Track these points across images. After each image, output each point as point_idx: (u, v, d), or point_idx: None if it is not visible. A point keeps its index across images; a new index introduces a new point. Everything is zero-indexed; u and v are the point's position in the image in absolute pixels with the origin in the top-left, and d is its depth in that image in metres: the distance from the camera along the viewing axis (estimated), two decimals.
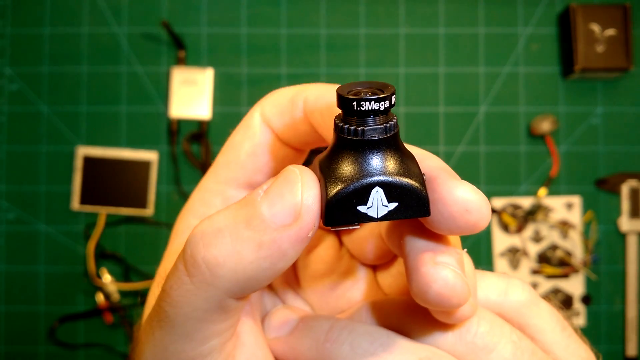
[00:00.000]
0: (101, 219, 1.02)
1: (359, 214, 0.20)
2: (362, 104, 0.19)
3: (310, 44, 1.05)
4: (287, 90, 0.26)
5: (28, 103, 1.04)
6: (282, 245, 0.19)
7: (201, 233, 0.20)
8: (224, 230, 0.19)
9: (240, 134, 0.27)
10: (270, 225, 0.19)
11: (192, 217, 0.28)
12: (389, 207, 0.20)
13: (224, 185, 0.27)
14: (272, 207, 0.19)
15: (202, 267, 0.19)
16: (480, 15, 1.06)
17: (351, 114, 0.20)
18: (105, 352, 1.02)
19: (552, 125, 1.01)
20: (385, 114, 0.20)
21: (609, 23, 1.00)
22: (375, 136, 0.20)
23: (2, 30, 1.05)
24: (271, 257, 0.19)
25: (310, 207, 0.19)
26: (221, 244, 0.19)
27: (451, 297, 0.19)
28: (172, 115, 1.03)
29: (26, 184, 1.04)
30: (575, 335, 0.24)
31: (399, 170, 0.20)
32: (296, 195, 0.19)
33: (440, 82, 1.05)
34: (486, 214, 0.20)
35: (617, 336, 1.02)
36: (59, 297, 1.03)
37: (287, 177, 0.20)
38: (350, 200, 0.19)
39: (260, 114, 0.26)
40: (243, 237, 0.19)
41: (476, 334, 0.22)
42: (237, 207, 0.20)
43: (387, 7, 1.06)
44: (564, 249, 1.02)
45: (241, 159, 0.26)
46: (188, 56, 1.05)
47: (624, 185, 1.02)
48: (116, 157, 1.03)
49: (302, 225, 0.19)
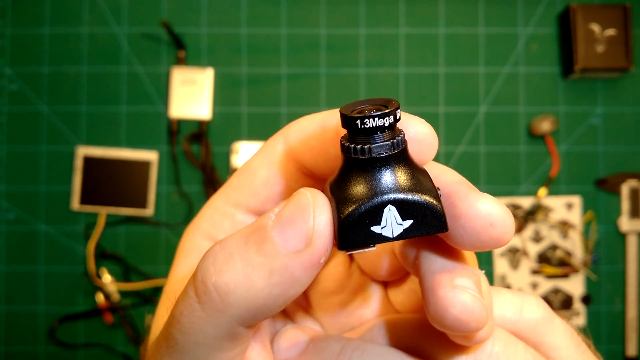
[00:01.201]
0: (101, 219, 1.02)
1: (374, 235, 0.19)
2: (366, 122, 0.19)
3: (310, 44, 1.05)
4: (313, 116, 0.25)
5: (28, 103, 1.04)
6: (294, 271, 0.19)
7: (212, 258, 0.20)
8: (235, 255, 0.19)
9: (258, 159, 0.26)
10: (282, 251, 0.19)
11: (199, 235, 0.27)
12: (404, 225, 0.19)
13: (234, 208, 0.26)
14: (283, 233, 0.19)
15: (213, 294, 0.19)
16: (480, 15, 1.06)
17: (357, 132, 0.20)
18: (105, 352, 1.02)
19: (552, 125, 1.01)
20: (392, 130, 0.20)
21: (609, 23, 1.00)
22: (382, 153, 0.19)
23: (2, 30, 1.05)
24: (283, 283, 0.19)
25: (322, 232, 0.19)
26: (232, 270, 0.19)
27: (470, 321, 0.19)
28: (172, 115, 1.03)
29: (26, 184, 1.04)
30: (589, 352, 0.24)
31: (410, 185, 0.19)
32: (308, 220, 0.19)
33: (440, 82, 1.05)
34: (510, 227, 0.20)
35: (617, 336, 1.02)
36: (59, 297, 1.03)
37: (298, 201, 0.19)
38: (363, 222, 0.19)
39: (284, 141, 0.25)
40: (254, 263, 0.19)
41: (491, 354, 0.21)
42: (248, 232, 0.20)
43: (387, 7, 1.06)
44: (564, 249, 1.02)
45: (255, 185, 0.26)
46: (188, 56, 1.05)
47: (624, 185, 1.02)
48: (116, 157, 1.03)
49: (314, 251, 0.19)
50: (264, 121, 1.04)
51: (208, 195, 1.03)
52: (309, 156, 0.25)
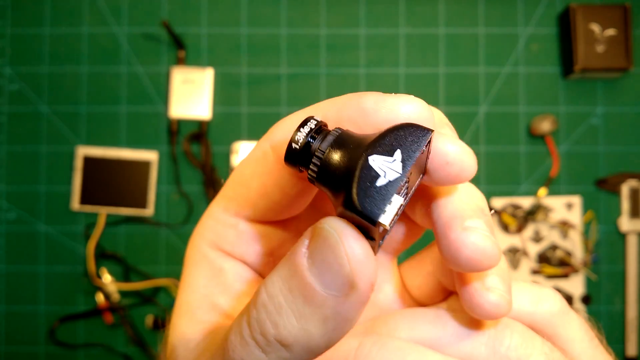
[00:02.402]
0: (101, 219, 1.02)
1: (387, 186, 0.18)
2: (297, 138, 0.20)
3: (310, 44, 1.05)
4: (296, 116, 0.24)
5: (28, 103, 1.04)
6: (346, 314, 0.18)
7: (264, 309, 0.19)
8: (285, 307, 0.19)
9: (249, 168, 0.25)
10: (328, 299, 0.18)
11: (205, 245, 0.27)
12: (397, 159, 0.19)
13: (235, 218, 0.26)
14: (322, 279, 0.18)
15: (276, 346, 0.19)
16: (480, 15, 1.06)
17: (301, 156, 0.20)
18: (105, 352, 1.02)
19: (552, 125, 1.01)
20: (319, 132, 0.20)
21: (609, 23, 1.00)
22: (330, 143, 0.20)
23: (2, 30, 1.05)
24: (338, 327, 0.19)
25: (364, 270, 0.18)
26: (288, 323, 0.19)
27: (482, 260, 0.19)
28: (172, 115, 1.03)
29: (26, 184, 1.04)
30: (601, 347, 0.24)
31: (374, 136, 0.19)
32: (343, 264, 0.18)
33: (440, 82, 1.05)
34: (467, 164, 0.20)
35: (617, 336, 1.02)
36: (59, 297, 1.03)
37: (326, 241, 0.18)
38: (367, 188, 0.18)
39: (271, 148, 0.24)
40: (306, 314, 0.19)
41: (509, 347, 0.22)
42: (287, 276, 0.19)
43: (387, 7, 1.06)
44: (564, 249, 1.02)
45: (251, 197, 0.25)
46: (188, 56, 1.05)
47: (624, 185, 1.02)
48: (116, 157, 1.03)
49: (360, 292, 0.18)
50: (264, 121, 1.04)
51: (208, 195, 1.03)
52: None
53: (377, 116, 0.20)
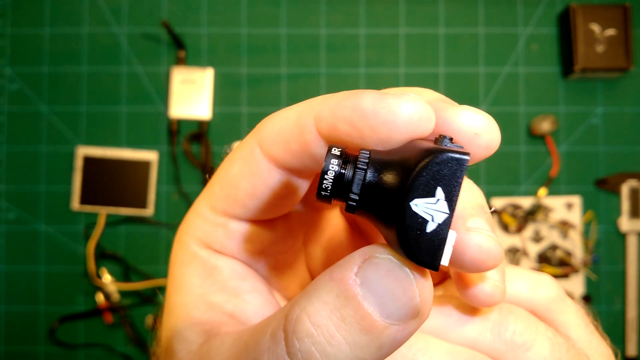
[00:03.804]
0: (101, 219, 1.02)
1: (437, 231, 0.18)
2: (325, 182, 0.19)
3: (310, 44, 1.05)
4: (286, 114, 0.23)
5: (28, 103, 1.04)
6: (402, 340, 0.18)
7: (311, 339, 0.18)
8: (338, 337, 0.18)
9: (237, 167, 0.24)
10: (389, 327, 0.18)
11: (194, 244, 0.26)
12: (440, 197, 0.18)
13: (224, 217, 0.25)
14: (384, 309, 0.18)
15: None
16: (480, 15, 1.06)
17: (335, 193, 0.19)
18: (105, 352, 1.02)
19: (552, 125, 1.01)
20: (347, 163, 0.19)
21: (609, 23, 1.00)
22: (362, 179, 0.19)
23: (2, 30, 1.05)
24: (391, 351, 0.18)
25: (430, 300, 0.18)
26: (340, 353, 0.18)
27: (486, 260, 0.19)
28: (172, 115, 1.03)
29: (26, 184, 1.04)
30: (596, 332, 0.25)
31: (405, 170, 0.18)
32: (414, 297, 0.18)
33: (440, 82, 1.05)
34: (495, 134, 0.20)
35: (617, 336, 1.02)
36: (59, 297, 1.03)
37: (392, 274, 0.18)
38: (419, 237, 0.18)
39: (259, 147, 0.23)
40: (361, 343, 0.18)
41: (514, 332, 0.22)
42: (336, 304, 0.18)
43: (387, 7, 1.06)
44: (564, 249, 1.02)
45: (239, 197, 0.24)
46: (188, 56, 1.05)
47: (624, 185, 1.02)
48: (116, 157, 1.03)
49: (422, 318, 0.18)
50: None
51: None
52: (291, 160, 0.23)
53: (376, 118, 0.20)
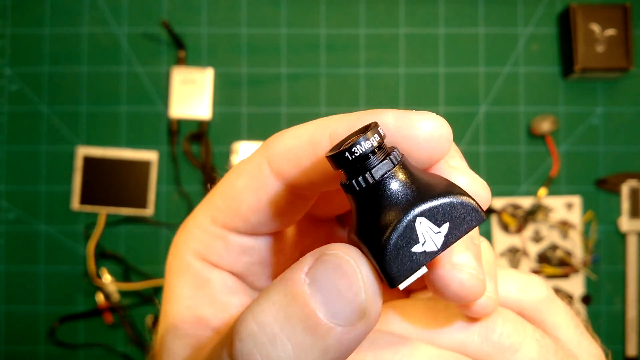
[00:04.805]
0: (101, 219, 1.02)
1: (418, 256, 0.18)
2: (355, 149, 0.18)
3: (310, 44, 1.05)
4: (298, 132, 0.22)
5: (28, 103, 1.04)
6: (349, 345, 0.18)
7: (253, 340, 0.17)
8: (281, 337, 0.17)
9: (242, 181, 0.24)
10: (334, 328, 0.17)
11: (190, 255, 0.26)
12: (442, 232, 0.18)
13: (224, 230, 0.25)
14: (329, 307, 0.17)
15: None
16: (480, 15, 1.06)
17: (351, 165, 0.18)
18: (105, 352, 1.02)
19: (552, 125, 1.01)
20: (382, 149, 0.19)
21: (609, 23, 1.00)
22: (385, 172, 0.18)
23: (2, 30, 1.05)
24: (339, 357, 0.18)
25: (377, 301, 0.18)
26: (283, 354, 0.17)
27: (467, 296, 0.20)
28: (172, 115, 1.03)
29: (26, 184, 1.04)
30: (586, 333, 0.25)
31: (434, 190, 0.18)
32: (359, 293, 0.17)
33: (440, 82, 1.05)
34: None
35: (617, 336, 1.02)
36: (59, 297, 1.03)
37: (340, 269, 0.17)
38: (401, 247, 0.18)
39: (268, 163, 0.23)
40: (305, 344, 0.17)
41: (502, 334, 0.22)
42: (283, 303, 0.18)
43: (387, 7, 1.06)
44: (564, 249, 1.02)
45: (242, 211, 0.24)
46: (188, 56, 1.05)
47: (624, 185, 1.02)
48: (116, 157, 1.03)
49: (369, 322, 0.18)
50: (264, 121, 1.04)
51: None
52: (301, 179, 0.23)
53: (398, 133, 0.20)
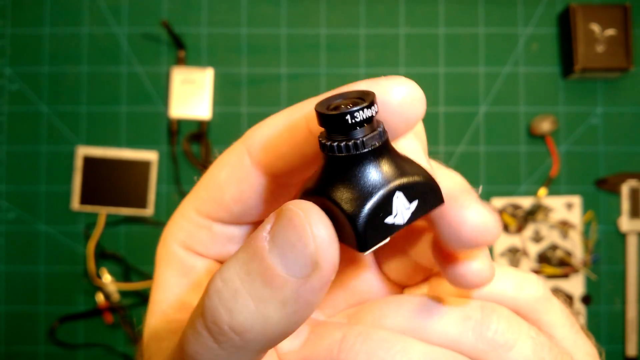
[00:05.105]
0: (101, 219, 1.02)
1: (388, 227, 0.19)
2: (357, 115, 0.18)
3: (310, 44, 1.05)
4: (274, 120, 0.23)
5: (28, 103, 1.04)
6: (306, 297, 0.18)
7: (217, 296, 0.18)
8: (242, 290, 0.18)
9: (224, 172, 0.24)
10: (289, 280, 0.18)
11: (176, 244, 0.26)
12: (411, 209, 0.19)
13: (208, 220, 0.25)
14: (284, 259, 0.18)
15: (230, 334, 0.18)
16: (480, 15, 1.06)
17: (343, 129, 0.19)
18: (105, 352, 1.02)
19: (552, 125, 1.01)
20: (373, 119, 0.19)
21: (609, 23, 1.00)
22: (375, 144, 0.19)
23: (2, 30, 1.05)
24: (298, 310, 0.18)
25: (327, 250, 0.18)
26: (244, 308, 0.18)
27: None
28: (172, 115, 1.03)
29: (26, 184, 1.04)
30: (581, 332, 0.25)
31: (410, 169, 0.19)
32: (308, 243, 0.18)
33: (440, 82, 1.05)
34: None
35: (617, 336, 1.02)
36: (59, 297, 1.03)
37: (290, 221, 0.18)
38: (377, 216, 0.18)
39: (248, 155, 0.23)
40: (264, 297, 0.18)
41: (496, 331, 0.22)
42: (245, 259, 0.18)
43: (387, 7, 1.06)
44: (564, 249, 1.02)
45: (225, 202, 0.24)
46: (188, 56, 1.05)
47: (624, 185, 1.02)
48: (116, 157, 1.03)
49: (322, 273, 0.18)
50: None
51: None
52: (281, 165, 0.23)
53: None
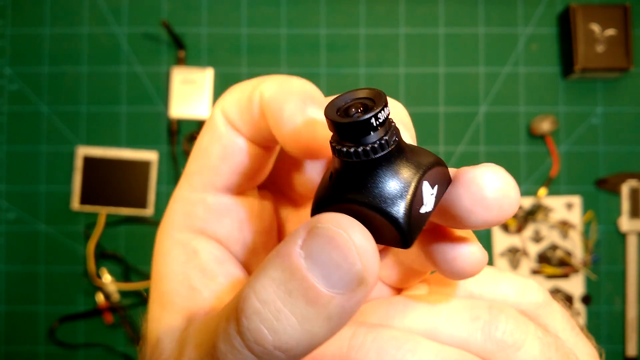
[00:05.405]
0: (101, 219, 1.02)
1: (423, 216, 0.19)
2: (372, 122, 0.18)
3: (310, 44, 1.05)
4: (246, 84, 0.24)
5: (28, 103, 1.04)
6: (351, 310, 0.18)
7: (258, 317, 0.18)
8: (284, 311, 0.18)
9: (206, 137, 0.25)
10: (335, 298, 0.18)
11: (175, 231, 0.26)
12: (434, 194, 0.19)
13: (202, 192, 0.26)
14: (328, 279, 0.18)
15: (275, 353, 0.18)
16: (480, 15, 1.06)
17: (360, 135, 0.18)
18: (105, 352, 1.02)
19: (552, 125, 1.01)
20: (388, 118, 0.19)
21: (609, 23, 1.00)
22: (392, 144, 0.19)
23: (2, 30, 1.05)
24: (342, 322, 0.18)
25: (373, 266, 0.18)
26: (289, 327, 0.18)
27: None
28: (172, 115, 1.03)
29: (26, 184, 1.04)
30: (582, 334, 0.25)
31: (424, 157, 0.19)
32: (355, 263, 0.18)
33: (440, 82, 1.05)
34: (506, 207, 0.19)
35: (617, 336, 1.02)
36: (59, 297, 1.03)
37: (332, 240, 0.18)
38: (414, 209, 0.19)
39: (222, 114, 0.24)
40: (309, 315, 0.18)
41: (505, 331, 0.22)
42: (282, 279, 0.18)
43: (387, 7, 1.06)
44: (564, 249, 1.02)
45: (213, 163, 0.25)
46: (188, 56, 1.05)
47: (624, 185, 1.02)
48: (116, 157, 1.03)
49: (368, 287, 0.18)
50: None
51: None
52: (245, 129, 0.24)
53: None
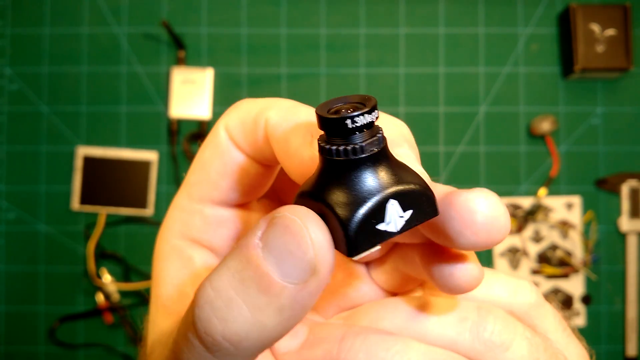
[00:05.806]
0: (101, 219, 1.02)
1: (380, 233, 0.18)
2: (357, 120, 0.18)
3: (310, 44, 1.05)
4: (252, 105, 0.24)
5: (28, 103, 1.04)
6: (303, 302, 0.18)
7: (209, 306, 0.18)
8: (236, 299, 0.18)
9: (208, 150, 0.25)
10: (287, 286, 0.18)
11: (173, 238, 0.27)
12: (405, 217, 0.19)
13: (200, 204, 0.26)
14: (281, 267, 0.18)
15: (224, 344, 0.18)
16: (480, 15, 1.06)
17: (343, 133, 0.19)
18: (105, 352, 1.02)
19: (552, 125, 1.01)
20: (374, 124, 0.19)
21: (609, 23, 1.00)
22: (374, 149, 0.19)
23: (2, 30, 1.05)
24: (294, 315, 0.18)
25: (326, 256, 0.18)
26: (239, 316, 0.18)
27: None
28: (172, 115, 1.03)
29: (26, 184, 1.04)
30: (573, 336, 0.25)
31: (407, 177, 0.19)
32: (307, 251, 0.18)
33: (440, 82, 1.05)
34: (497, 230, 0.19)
35: (617, 336, 1.02)
36: (59, 297, 1.03)
37: (287, 228, 0.18)
38: (369, 222, 0.18)
39: (225, 130, 0.25)
40: (260, 304, 0.18)
41: (493, 332, 0.22)
42: (237, 267, 0.18)
43: (387, 7, 1.06)
44: (564, 249, 1.02)
45: (212, 178, 0.25)
46: (188, 56, 1.05)
47: (624, 185, 1.02)
48: (116, 157, 1.03)
49: (320, 277, 0.18)
50: None
51: None
52: (247, 149, 0.24)
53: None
